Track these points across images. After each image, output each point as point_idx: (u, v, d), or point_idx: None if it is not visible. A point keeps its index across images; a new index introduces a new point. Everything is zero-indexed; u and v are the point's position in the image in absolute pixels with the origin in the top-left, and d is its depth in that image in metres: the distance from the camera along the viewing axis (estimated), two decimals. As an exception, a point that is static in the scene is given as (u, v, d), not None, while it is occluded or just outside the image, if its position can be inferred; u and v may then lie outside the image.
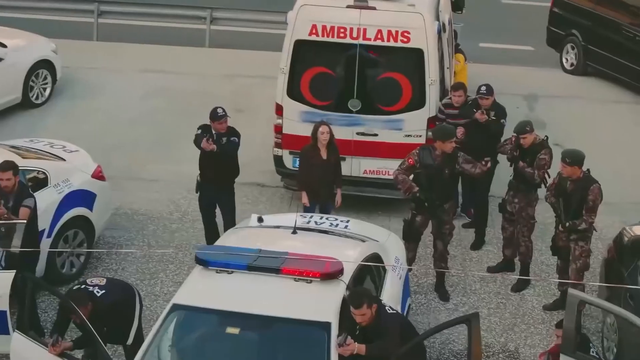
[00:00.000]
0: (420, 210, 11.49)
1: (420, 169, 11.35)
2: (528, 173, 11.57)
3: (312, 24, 13.19)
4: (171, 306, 8.58)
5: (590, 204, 10.95)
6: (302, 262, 8.80)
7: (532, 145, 11.67)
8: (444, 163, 11.32)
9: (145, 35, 20.05)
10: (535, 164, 11.58)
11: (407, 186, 11.34)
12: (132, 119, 16.45)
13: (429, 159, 11.33)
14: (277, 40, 19.67)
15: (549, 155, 11.64)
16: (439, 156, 11.32)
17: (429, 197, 11.32)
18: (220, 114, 12.05)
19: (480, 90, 12.67)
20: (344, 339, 8.14)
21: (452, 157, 11.36)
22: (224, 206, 12.34)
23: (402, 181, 11.37)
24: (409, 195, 11.48)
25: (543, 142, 11.75)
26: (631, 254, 10.33)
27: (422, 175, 11.36)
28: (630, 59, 17.52)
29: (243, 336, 8.39)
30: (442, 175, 11.31)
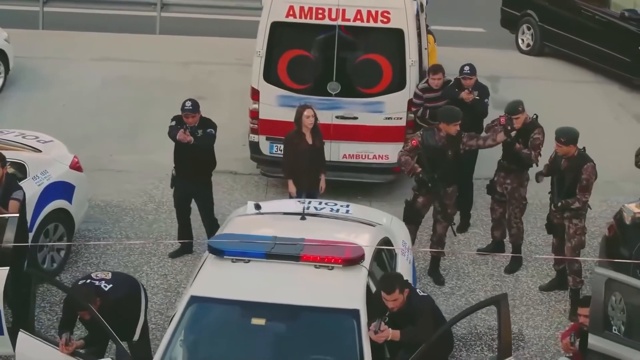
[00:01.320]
0: (422, 192, 11.25)
1: (423, 151, 11.09)
2: (525, 154, 11.39)
3: (289, 5, 12.87)
4: (189, 298, 8.19)
5: (584, 182, 10.81)
6: (321, 248, 8.51)
7: (523, 124, 11.44)
8: (447, 145, 11.10)
9: (93, 23, 19.44)
10: (529, 144, 11.39)
11: (410, 167, 11.12)
12: (92, 108, 15.93)
13: (432, 140, 11.10)
14: (230, 26, 19.45)
15: (542, 134, 11.48)
16: (443, 138, 11.09)
17: (432, 179, 11.07)
18: (186, 107, 11.48)
19: (464, 70, 12.49)
20: (379, 325, 7.85)
21: (456, 139, 11.13)
22: (201, 200, 11.85)
23: (405, 162, 11.14)
24: (412, 176, 11.24)
25: (534, 121, 11.57)
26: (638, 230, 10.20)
27: (425, 157, 11.12)
28: (591, 39, 17.51)
29: (269, 327, 8.07)
30: (445, 157, 11.09)
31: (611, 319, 9.71)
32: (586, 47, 17.60)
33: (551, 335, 10.79)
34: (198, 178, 11.67)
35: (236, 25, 19.42)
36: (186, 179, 11.62)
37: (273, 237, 8.60)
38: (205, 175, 11.84)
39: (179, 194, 11.80)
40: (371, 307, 8.24)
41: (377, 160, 13.36)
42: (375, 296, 8.40)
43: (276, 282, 8.30)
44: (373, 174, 13.43)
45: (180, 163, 11.65)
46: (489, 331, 10.77)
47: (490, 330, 10.78)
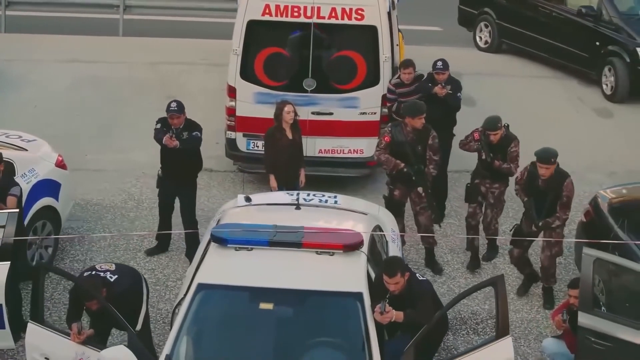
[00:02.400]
0: (395, 184, 11.52)
1: (393, 146, 11.37)
2: (505, 169, 11.50)
3: (265, 4, 13.10)
4: (196, 286, 8.41)
5: (564, 199, 10.83)
6: (321, 235, 8.80)
7: (500, 139, 11.50)
8: (417, 139, 11.37)
9: (55, 26, 19.50)
10: (507, 157, 11.51)
11: (393, 164, 11.39)
12: (63, 109, 16.03)
13: (400, 135, 11.37)
14: (193, 28, 19.64)
15: (518, 145, 11.54)
16: (410, 132, 11.37)
17: (417, 170, 11.39)
18: (172, 108, 11.56)
19: (437, 65, 12.83)
20: (384, 307, 8.15)
21: (423, 133, 11.42)
22: (184, 200, 11.93)
23: (385, 160, 11.41)
24: (395, 172, 11.48)
25: (509, 135, 11.58)
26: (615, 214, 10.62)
27: (395, 152, 11.38)
28: (548, 35, 17.98)
29: (276, 311, 8.32)
30: (415, 151, 11.35)
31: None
32: (544, 43, 18.06)
33: (532, 319, 11.17)
34: (184, 179, 11.77)
35: (199, 27, 19.66)
36: (172, 180, 11.72)
37: (274, 226, 8.85)
38: (191, 177, 11.94)
39: (164, 193, 11.91)
40: (372, 291, 8.53)
41: (352, 154, 13.67)
42: (375, 280, 8.71)
43: (280, 268, 8.56)
44: (348, 168, 13.72)
45: (167, 165, 11.74)
46: (473, 316, 11.14)
47: (474, 315, 11.15)
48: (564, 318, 9.30)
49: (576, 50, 17.52)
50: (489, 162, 11.43)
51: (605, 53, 17.05)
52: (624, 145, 15.66)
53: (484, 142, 11.37)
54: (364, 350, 8.07)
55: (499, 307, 8.46)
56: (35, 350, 8.55)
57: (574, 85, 17.80)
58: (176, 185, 11.79)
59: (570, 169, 14.59)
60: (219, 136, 14.78)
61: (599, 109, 16.92)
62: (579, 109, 16.99)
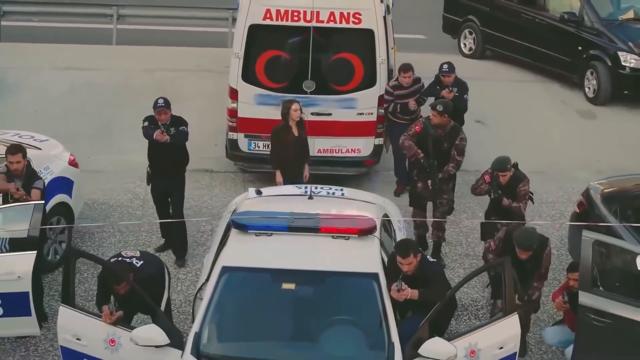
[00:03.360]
0: (420, 177, 12.03)
1: (421, 136, 11.92)
2: (514, 208, 11.27)
3: (266, 8, 13.55)
4: (221, 269, 8.86)
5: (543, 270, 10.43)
6: (336, 221, 9.28)
7: (509, 179, 11.30)
8: (444, 136, 11.89)
9: (48, 36, 19.88)
10: (517, 196, 11.28)
11: (413, 152, 11.94)
12: (62, 113, 16.42)
13: (431, 128, 11.91)
14: (185, 36, 20.10)
15: (528, 184, 11.38)
16: (440, 128, 11.89)
17: (431, 164, 11.87)
18: (159, 104, 11.93)
19: (443, 68, 13.43)
20: (400, 285, 8.65)
21: (453, 132, 11.91)
22: (174, 196, 12.27)
23: (408, 147, 11.96)
24: (413, 160, 12.02)
25: (519, 174, 11.35)
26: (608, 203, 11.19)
27: (420, 143, 11.93)
28: (532, 41, 18.57)
29: (298, 291, 8.78)
30: (442, 147, 11.87)
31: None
32: (528, 48, 18.65)
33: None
34: (173, 174, 12.12)
35: (190, 36, 20.15)
36: (162, 176, 12.08)
37: (291, 213, 9.33)
38: (179, 172, 12.28)
39: (156, 190, 12.26)
40: (385, 274, 9.03)
41: (349, 154, 14.16)
42: (388, 264, 9.21)
43: (299, 251, 9.04)
44: (346, 166, 14.21)
45: (155, 161, 12.09)
46: (473, 302, 11.65)
47: (474, 302, 11.67)
48: (565, 299, 9.82)
49: (559, 54, 18.12)
50: (497, 200, 11.28)
51: (588, 57, 17.66)
52: (608, 145, 16.25)
53: (494, 182, 11.26)
54: (382, 327, 8.55)
55: (506, 287, 8.98)
56: (67, 332, 8.95)
57: (557, 88, 18.40)
58: (166, 180, 12.11)
59: (558, 167, 15.40)
60: (216, 138, 15.29)
61: (582, 111, 17.53)
62: (563, 111, 17.58)
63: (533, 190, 13.72)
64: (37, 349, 10.61)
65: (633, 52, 17.21)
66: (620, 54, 17.22)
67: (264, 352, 8.46)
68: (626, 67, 17.23)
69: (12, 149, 10.58)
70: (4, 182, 10.46)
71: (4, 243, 10.19)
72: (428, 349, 8.40)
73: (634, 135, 16.52)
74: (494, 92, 18.12)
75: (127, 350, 8.69)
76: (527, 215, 13.41)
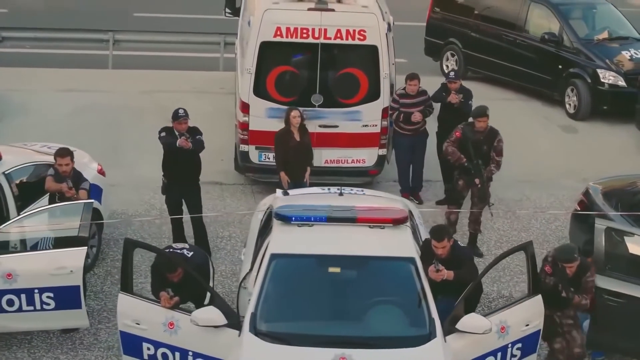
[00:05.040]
0: (463, 177, 12.99)
1: (462, 141, 12.83)
2: (583, 306, 10.20)
3: (277, 26, 14.31)
4: (270, 256, 9.58)
5: None
6: (371, 212, 10.06)
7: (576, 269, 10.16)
8: (483, 140, 12.89)
9: (44, 61, 20.48)
10: (582, 288, 10.18)
11: (457, 157, 12.90)
12: (68, 132, 16.89)
13: (470, 133, 12.85)
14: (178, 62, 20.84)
15: (595, 275, 10.30)
16: (478, 133, 12.87)
17: (475, 166, 12.83)
18: (180, 114, 12.69)
19: (450, 75, 14.43)
20: (438, 266, 9.44)
21: (491, 135, 12.95)
22: (191, 202, 12.92)
23: (452, 152, 12.92)
24: (457, 165, 12.95)
25: (584, 263, 10.22)
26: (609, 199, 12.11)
27: (462, 147, 12.84)
28: (513, 61, 19.55)
29: (343, 274, 9.52)
30: (480, 150, 12.83)
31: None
32: (509, 68, 19.63)
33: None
34: (188, 182, 12.83)
35: (183, 61, 20.88)
36: (177, 185, 12.77)
37: (329, 206, 10.10)
38: (194, 179, 13.00)
39: (172, 198, 12.92)
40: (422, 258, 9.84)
41: (355, 164, 14.94)
42: (421, 249, 10.00)
43: (340, 239, 9.79)
44: (351, 176, 14.92)
45: (171, 169, 12.76)
46: (485, 296, 12.37)
47: (486, 295, 12.40)
48: (580, 281, 10.61)
49: (540, 73, 19.11)
50: (570, 299, 10.11)
51: (568, 75, 18.67)
52: (591, 156, 17.20)
53: (559, 275, 10.08)
54: (422, 305, 9.32)
55: (530, 268, 9.81)
56: (126, 317, 9.59)
57: (538, 106, 19.37)
58: (182, 188, 12.81)
59: (546, 176, 16.29)
60: (222, 154, 15.99)
61: (564, 126, 18.49)
62: (546, 126, 18.53)
63: (526, 197, 14.74)
64: (82, 342, 11.22)
65: (611, 70, 18.23)
66: (600, 71, 18.25)
67: (315, 329, 9.17)
68: (605, 84, 18.26)
69: (61, 151, 11.26)
70: (54, 183, 11.11)
71: (49, 241, 10.83)
72: (466, 324, 9.18)
73: (614, 147, 17.50)
74: (481, 109, 19.00)
75: (186, 332, 9.35)
76: (524, 218, 14.41)
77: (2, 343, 11.08)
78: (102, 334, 11.39)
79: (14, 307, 10.48)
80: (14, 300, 10.45)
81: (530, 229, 14.41)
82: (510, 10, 19.88)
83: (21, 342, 11.14)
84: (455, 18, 20.79)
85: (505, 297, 12.47)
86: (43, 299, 10.44)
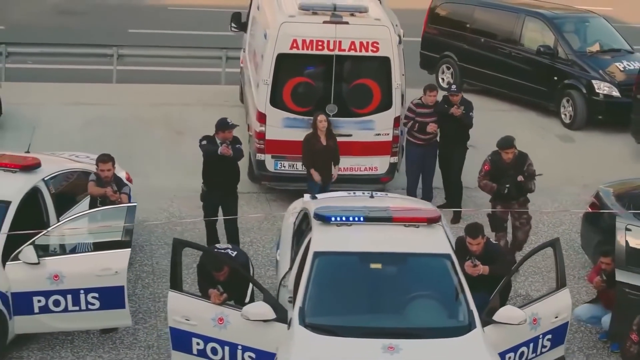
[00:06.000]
0: (498, 201, 13.05)
1: (492, 171, 13.03)
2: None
3: (293, 39, 14.80)
4: (313, 254, 10.06)
5: None
6: (405, 212, 10.56)
7: None
8: (512, 165, 13.00)
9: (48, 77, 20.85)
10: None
11: (489, 188, 12.95)
12: (82, 144, 17.14)
13: (499, 162, 13.02)
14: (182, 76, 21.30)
15: None
16: (505, 161, 13.01)
17: (505, 188, 12.93)
18: (230, 123, 13.30)
19: (452, 88, 14.93)
20: (475, 261, 9.97)
21: (521, 159, 13.04)
22: (228, 209, 13.39)
23: (484, 186, 13.00)
24: (492, 194, 13.06)
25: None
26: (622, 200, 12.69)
27: (494, 176, 13.03)
28: (509, 73, 20.15)
29: (384, 270, 10.02)
30: (511, 176, 12.94)
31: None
32: (505, 80, 20.22)
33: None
34: (228, 189, 13.36)
35: (186, 76, 21.37)
36: (217, 191, 13.28)
37: (364, 207, 10.60)
38: (233, 186, 13.52)
39: (210, 205, 13.40)
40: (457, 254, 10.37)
41: (367, 172, 15.43)
42: (455, 246, 10.52)
43: (379, 237, 10.28)
44: (364, 183, 15.36)
45: (212, 176, 13.26)
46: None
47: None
48: (604, 278, 11.23)
49: (536, 85, 19.72)
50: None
51: (563, 86, 19.31)
52: (589, 164, 17.81)
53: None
54: (460, 298, 9.83)
55: (558, 263, 10.36)
56: (176, 314, 10.02)
57: (534, 116, 19.99)
58: (220, 195, 13.31)
59: (548, 183, 16.82)
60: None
61: (561, 136, 19.12)
62: (543, 135, 19.13)
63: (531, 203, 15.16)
64: (122, 341, 11.63)
65: (605, 80, 18.88)
66: (594, 82, 18.90)
67: (362, 321, 9.65)
68: (600, 94, 18.91)
69: (103, 157, 11.71)
70: (96, 187, 11.55)
71: (88, 245, 11.21)
72: (502, 315, 9.71)
73: (612, 155, 18.13)
74: (478, 121, 19.23)
75: (235, 327, 9.81)
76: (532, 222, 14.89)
77: (44, 344, 11.46)
78: (140, 334, 11.79)
79: (60, 308, 10.88)
80: (60, 300, 10.85)
81: (538, 233, 14.91)
82: (505, 24, 20.50)
83: (63, 342, 11.52)
84: (450, 32, 21.38)
85: (522, 296, 12.97)
86: (88, 299, 10.86)
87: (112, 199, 11.47)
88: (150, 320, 12.07)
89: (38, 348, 11.38)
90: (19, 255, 10.77)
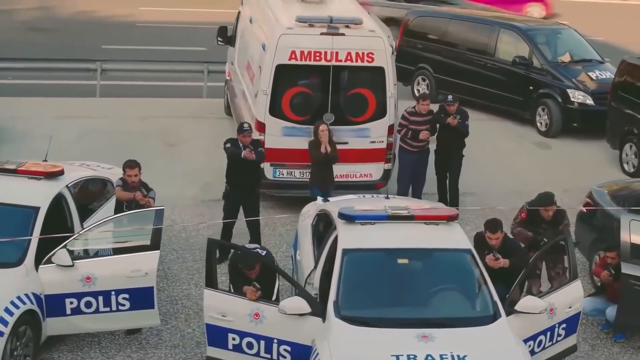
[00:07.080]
0: (532, 250, 12.11)
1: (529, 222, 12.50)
2: None
3: (292, 50, 15.30)
4: (342, 251, 10.56)
5: None
6: (425, 210, 11.13)
7: None
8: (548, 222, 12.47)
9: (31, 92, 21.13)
10: None
11: (523, 236, 12.33)
12: (80, 155, 17.48)
13: (537, 216, 12.44)
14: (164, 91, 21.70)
15: None
16: (545, 218, 12.43)
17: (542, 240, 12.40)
18: (245, 128, 13.90)
19: (448, 98, 15.56)
20: (496, 254, 10.56)
21: (558, 217, 12.43)
22: (250, 209, 13.95)
23: (517, 233, 12.39)
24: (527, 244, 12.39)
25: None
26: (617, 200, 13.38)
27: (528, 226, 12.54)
28: (485, 83, 20.88)
29: (410, 265, 10.56)
30: (550, 232, 12.43)
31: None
32: (481, 91, 20.95)
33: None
34: (249, 189, 13.91)
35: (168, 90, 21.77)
36: (240, 191, 13.85)
37: (384, 207, 11.14)
38: (254, 187, 14.09)
39: (231, 204, 13.96)
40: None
41: (363, 178, 15.96)
42: (474, 242, 11.10)
43: (403, 234, 10.82)
44: (359, 189, 15.89)
45: (235, 177, 13.84)
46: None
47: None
48: (611, 272, 11.88)
49: (511, 94, 20.48)
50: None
51: (538, 95, 20.07)
52: (567, 169, 18.55)
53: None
54: (483, 290, 10.40)
55: (569, 257, 10.98)
56: (212, 311, 10.43)
57: (510, 125, 20.73)
58: (242, 195, 13.87)
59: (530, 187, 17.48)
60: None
61: (538, 143, 19.87)
62: (521, 143, 19.87)
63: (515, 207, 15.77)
64: (148, 342, 12.01)
65: (579, 89, 19.66)
66: (569, 91, 19.70)
67: (394, 312, 10.17)
68: (575, 103, 19.69)
69: (130, 163, 12.12)
70: (124, 192, 11.96)
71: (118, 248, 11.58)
72: (524, 305, 10.29)
73: (589, 161, 18.94)
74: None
75: (271, 321, 10.26)
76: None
77: (73, 345, 11.81)
78: (164, 334, 12.18)
79: (91, 309, 11.24)
80: (92, 302, 11.21)
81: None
82: (480, 36, 21.28)
83: (91, 343, 11.87)
84: (425, 45, 22.06)
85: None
86: (119, 300, 11.23)
87: (141, 203, 11.88)
88: (171, 322, 12.45)
89: (67, 349, 11.71)
90: (53, 258, 11.11)
